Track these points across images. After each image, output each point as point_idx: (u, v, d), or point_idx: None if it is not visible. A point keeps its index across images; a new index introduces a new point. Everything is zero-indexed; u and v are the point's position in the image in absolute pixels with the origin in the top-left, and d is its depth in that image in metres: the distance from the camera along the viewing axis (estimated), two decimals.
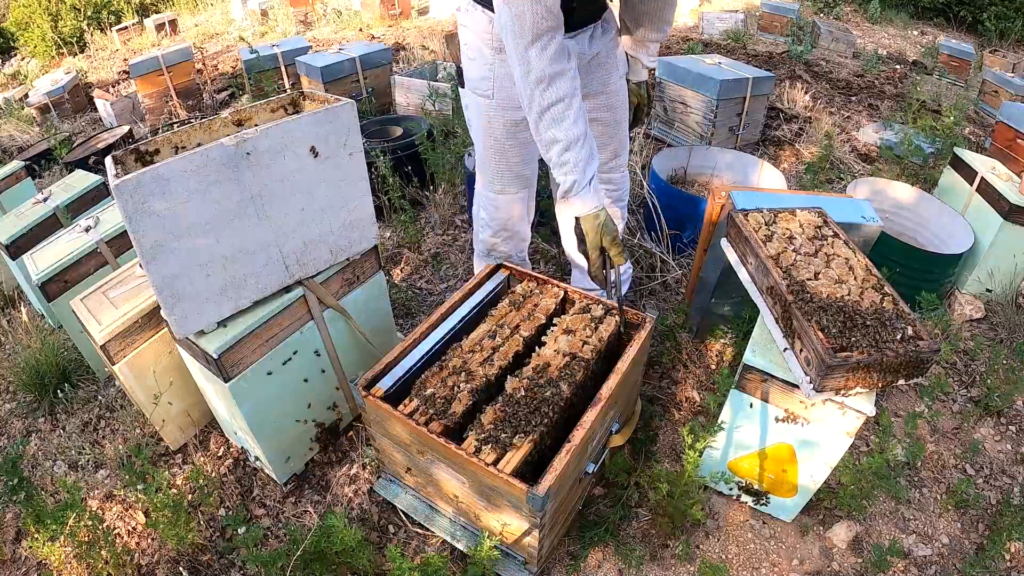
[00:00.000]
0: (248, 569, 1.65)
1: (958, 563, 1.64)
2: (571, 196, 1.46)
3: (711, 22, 6.36)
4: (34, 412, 2.27)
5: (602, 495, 1.77)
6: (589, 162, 1.43)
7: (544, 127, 1.41)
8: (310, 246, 1.61)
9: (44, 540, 1.48)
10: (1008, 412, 2.06)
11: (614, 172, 1.98)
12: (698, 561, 1.63)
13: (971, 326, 2.41)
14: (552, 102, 1.38)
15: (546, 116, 1.39)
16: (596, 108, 1.80)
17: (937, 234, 2.55)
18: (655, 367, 2.17)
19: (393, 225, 3.08)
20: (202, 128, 1.56)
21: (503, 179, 1.87)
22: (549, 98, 1.37)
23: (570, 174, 1.42)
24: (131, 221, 1.27)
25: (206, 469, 1.92)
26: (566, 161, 1.42)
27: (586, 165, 1.43)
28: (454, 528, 1.63)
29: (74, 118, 5.85)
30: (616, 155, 1.94)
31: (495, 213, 1.96)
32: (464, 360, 1.58)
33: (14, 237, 2.37)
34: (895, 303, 1.38)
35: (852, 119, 4.18)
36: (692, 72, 3.50)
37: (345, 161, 1.58)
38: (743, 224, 1.64)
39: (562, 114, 1.38)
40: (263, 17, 8.48)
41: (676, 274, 2.56)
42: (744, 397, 1.51)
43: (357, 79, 4.33)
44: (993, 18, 7.94)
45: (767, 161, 2.96)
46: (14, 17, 10.24)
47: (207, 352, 1.47)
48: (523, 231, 2.07)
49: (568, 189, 1.45)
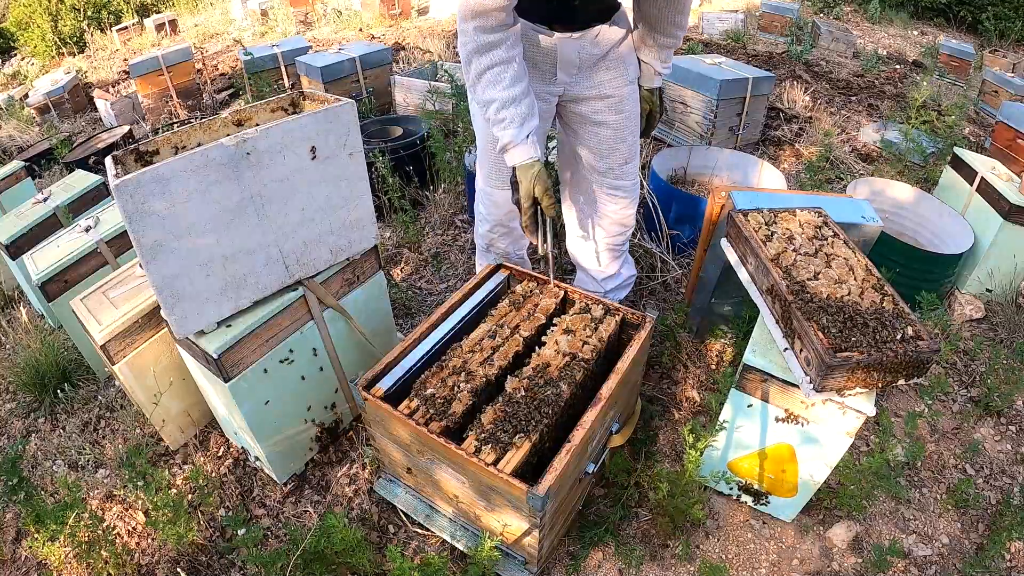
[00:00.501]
0: (248, 569, 1.65)
1: (958, 563, 1.64)
2: (509, 149, 1.56)
3: (711, 22, 6.36)
4: (34, 412, 2.27)
5: (602, 495, 1.77)
6: (526, 120, 1.54)
7: (481, 89, 1.53)
8: (310, 246, 1.61)
9: (44, 540, 1.48)
10: (1008, 412, 2.06)
11: (624, 179, 1.92)
12: (698, 561, 1.63)
13: (971, 326, 2.41)
14: (488, 66, 1.50)
15: (483, 79, 1.52)
16: (603, 111, 1.79)
17: (937, 234, 2.55)
18: (655, 367, 2.17)
19: (393, 225, 3.08)
20: (202, 128, 1.56)
21: (501, 174, 1.87)
22: (485, 63, 1.50)
23: (507, 129, 1.54)
24: (131, 221, 1.27)
25: (206, 469, 1.92)
26: (502, 119, 1.53)
27: (523, 122, 1.54)
28: (454, 528, 1.63)
29: (74, 118, 5.85)
30: (627, 161, 1.90)
31: (492, 208, 1.97)
32: (464, 360, 1.58)
33: (14, 237, 2.37)
34: (895, 303, 1.38)
35: (852, 119, 4.18)
36: (692, 72, 3.50)
37: (345, 161, 1.58)
38: (743, 224, 1.64)
39: (498, 76, 1.50)
40: (263, 17, 8.48)
41: (676, 274, 2.56)
42: (744, 397, 1.51)
43: (357, 79, 4.33)
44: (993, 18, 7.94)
45: (767, 161, 2.96)
46: (14, 17, 10.25)
47: (207, 352, 1.47)
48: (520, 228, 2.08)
49: (505, 144, 1.56)
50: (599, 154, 1.87)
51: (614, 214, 1.98)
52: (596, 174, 1.92)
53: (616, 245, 2.07)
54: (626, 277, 2.20)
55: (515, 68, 1.52)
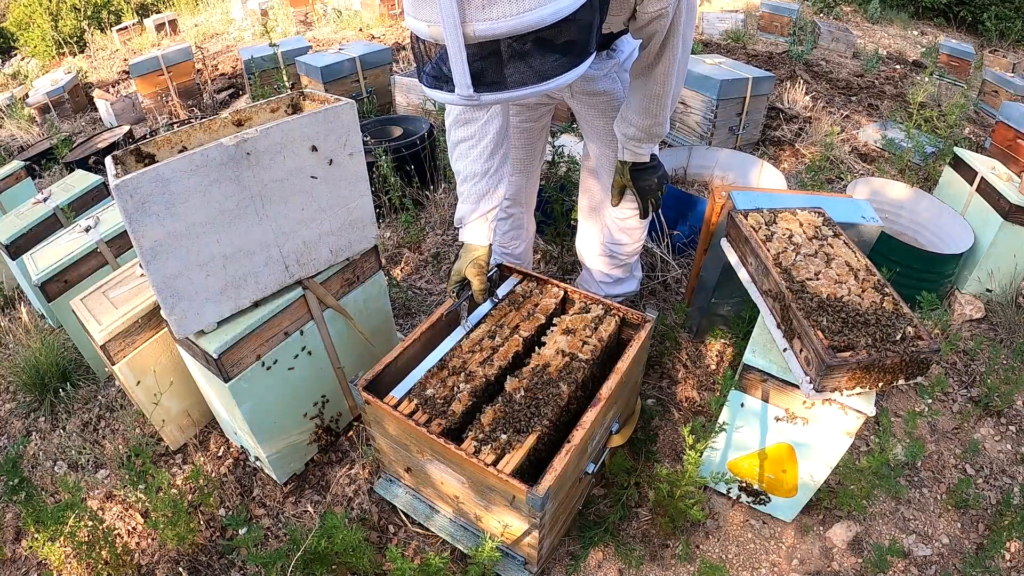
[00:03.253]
0: (248, 569, 1.65)
1: (958, 563, 1.64)
2: (463, 224, 1.65)
3: (711, 22, 6.36)
4: (34, 412, 2.27)
5: (602, 495, 1.77)
6: (483, 198, 1.61)
7: (453, 159, 1.63)
8: (310, 246, 1.61)
9: (44, 540, 1.48)
10: (1008, 412, 2.06)
11: None
12: (698, 561, 1.63)
13: (971, 326, 2.41)
14: (462, 138, 1.59)
15: (456, 149, 1.61)
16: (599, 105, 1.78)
17: (937, 234, 2.55)
18: (655, 367, 2.16)
19: (393, 225, 3.08)
20: (202, 128, 1.56)
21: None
22: (460, 135, 1.58)
23: (464, 203, 1.63)
24: (131, 221, 1.27)
25: (206, 469, 1.92)
26: (461, 192, 1.63)
27: (479, 200, 1.61)
28: (454, 528, 1.63)
29: (74, 118, 5.85)
30: None
31: None
32: (464, 360, 1.58)
33: (14, 237, 2.37)
34: (895, 303, 1.38)
35: (852, 119, 4.18)
36: (692, 72, 3.50)
37: (345, 161, 1.58)
38: (743, 224, 1.64)
39: (467, 151, 1.59)
40: (263, 17, 8.47)
41: (676, 274, 2.56)
42: (744, 397, 1.51)
43: (357, 79, 4.33)
44: (993, 18, 7.93)
45: (767, 161, 2.97)
46: (14, 17, 10.25)
47: (207, 352, 1.47)
48: (516, 214, 2.11)
49: (460, 217, 1.65)
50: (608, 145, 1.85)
51: (621, 220, 1.96)
52: (603, 186, 1.93)
53: (619, 253, 2.06)
54: (627, 291, 2.21)
55: (487, 143, 1.56)
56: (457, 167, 1.62)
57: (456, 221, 1.67)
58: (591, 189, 2.04)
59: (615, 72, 1.76)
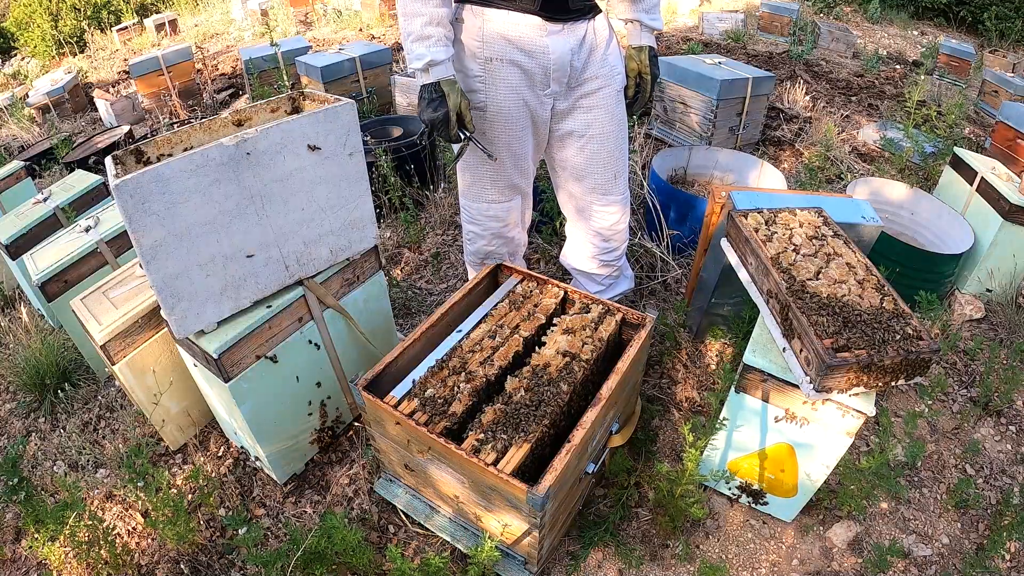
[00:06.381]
0: (248, 569, 1.65)
1: (958, 563, 1.64)
2: (433, 66, 1.59)
3: (711, 22, 6.36)
4: (34, 412, 2.27)
5: (602, 495, 1.77)
6: (449, 40, 1.61)
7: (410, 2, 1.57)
8: (310, 246, 1.61)
9: (44, 540, 1.48)
10: (1008, 412, 2.06)
11: (613, 193, 1.89)
12: (698, 561, 1.63)
13: (971, 326, 2.41)
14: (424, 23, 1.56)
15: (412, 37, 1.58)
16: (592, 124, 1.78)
17: (937, 234, 2.55)
18: (655, 367, 2.17)
19: (393, 225, 3.08)
20: (202, 128, 1.56)
21: (497, 183, 1.90)
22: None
23: (434, 47, 1.57)
24: (131, 221, 1.27)
25: (206, 469, 1.92)
26: (429, 35, 1.57)
27: (447, 42, 1.60)
28: (454, 528, 1.63)
29: (74, 118, 5.85)
30: (617, 175, 1.88)
31: (490, 222, 2.00)
32: (464, 360, 1.58)
33: (14, 237, 2.37)
34: (895, 303, 1.38)
35: (852, 119, 4.18)
36: (692, 72, 3.50)
37: (345, 161, 1.58)
38: (743, 224, 1.64)
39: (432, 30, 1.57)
40: (263, 17, 8.47)
41: (676, 274, 2.56)
42: (744, 397, 1.51)
43: (357, 79, 4.33)
44: (993, 18, 7.92)
45: (767, 161, 2.96)
46: (14, 17, 10.25)
47: (207, 352, 1.47)
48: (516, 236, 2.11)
49: (430, 61, 1.58)
50: (588, 170, 1.86)
51: (605, 230, 2.00)
52: (587, 190, 1.92)
53: (610, 261, 2.09)
54: (623, 291, 2.23)
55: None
56: (417, 8, 1.54)
57: (422, 66, 1.58)
58: (574, 193, 1.98)
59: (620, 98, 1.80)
